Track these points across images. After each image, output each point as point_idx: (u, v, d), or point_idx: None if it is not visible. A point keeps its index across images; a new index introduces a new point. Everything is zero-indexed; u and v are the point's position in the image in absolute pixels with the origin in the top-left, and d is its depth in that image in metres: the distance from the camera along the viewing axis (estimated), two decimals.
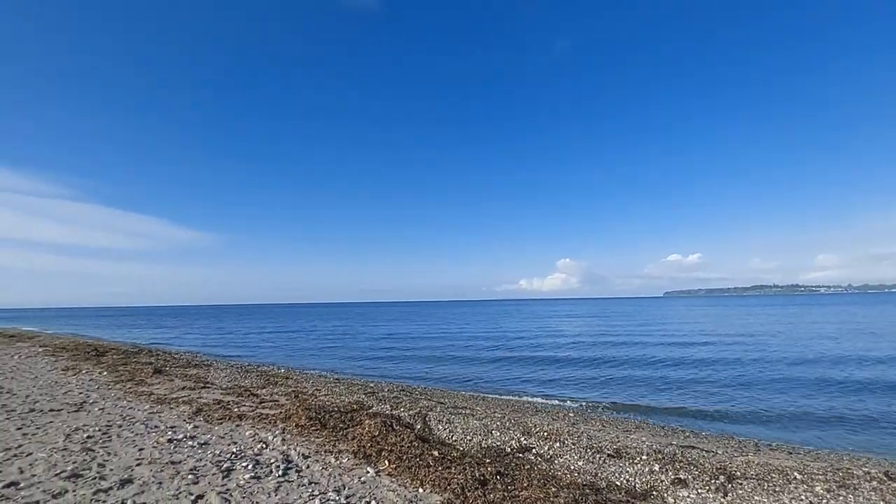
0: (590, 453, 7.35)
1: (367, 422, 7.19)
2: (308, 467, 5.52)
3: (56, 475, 4.84)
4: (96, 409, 8.17)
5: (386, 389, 13.61)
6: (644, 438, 8.79)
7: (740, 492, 5.86)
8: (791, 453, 8.48)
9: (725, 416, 11.50)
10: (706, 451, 7.96)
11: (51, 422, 7.11)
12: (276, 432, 7.04)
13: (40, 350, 18.76)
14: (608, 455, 7.29)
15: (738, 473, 6.48)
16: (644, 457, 7.20)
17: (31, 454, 5.49)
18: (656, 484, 6.09)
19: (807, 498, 5.69)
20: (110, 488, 4.57)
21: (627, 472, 6.54)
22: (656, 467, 6.71)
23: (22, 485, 4.56)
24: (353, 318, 78.25)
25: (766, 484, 6.13)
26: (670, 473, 6.46)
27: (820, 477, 6.41)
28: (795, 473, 6.51)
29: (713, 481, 6.17)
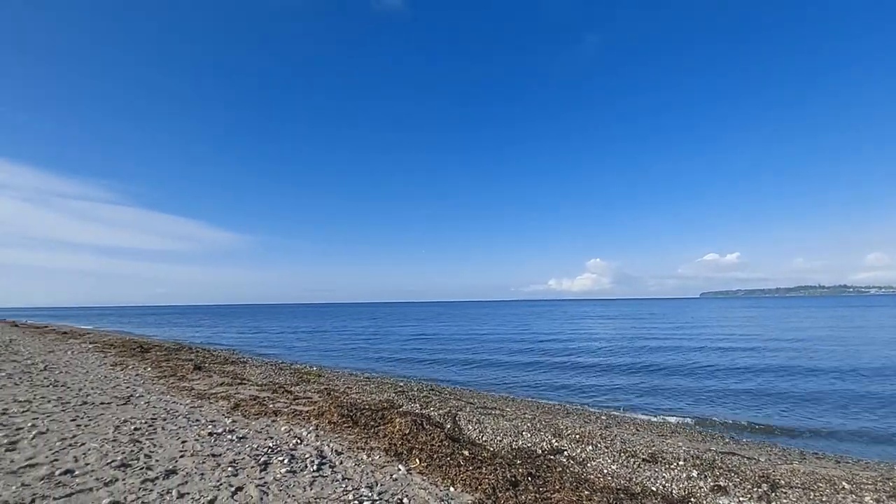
0: (623, 457, 7.19)
1: (397, 420, 7.28)
2: (341, 463, 5.63)
3: (107, 464, 5.12)
4: (142, 402, 8.59)
5: (416, 389, 13.71)
6: (681, 443, 8.53)
7: (784, 501, 5.61)
8: (839, 462, 8.04)
9: (768, 424, 10.96)
10: (747, 457, 7.65)
11: (101, 414, 7.51)
12: (310, 428, 7.22)
13: (90, 346, 19.85)
14: (643, 459, 7.11)
15: (783, 482, 6.21)
16: (681, 462, 6.98)
17: (84, 444, 5.82)
18: (694, 490, 5.90)
19: None
20: (156, 478, 4.80)
21: (664, 477, 6.36)
22: (694, 473, 6.50)
23: (77, 472, 4.85)
24: (383, 318, 79.15)
25: (811, 493, 5.84)
26: (709, 480, 6.24)
27: (870, 487, 6.07)
28: (844, 483, 6.19)
29: (755, 489, 5.93)
